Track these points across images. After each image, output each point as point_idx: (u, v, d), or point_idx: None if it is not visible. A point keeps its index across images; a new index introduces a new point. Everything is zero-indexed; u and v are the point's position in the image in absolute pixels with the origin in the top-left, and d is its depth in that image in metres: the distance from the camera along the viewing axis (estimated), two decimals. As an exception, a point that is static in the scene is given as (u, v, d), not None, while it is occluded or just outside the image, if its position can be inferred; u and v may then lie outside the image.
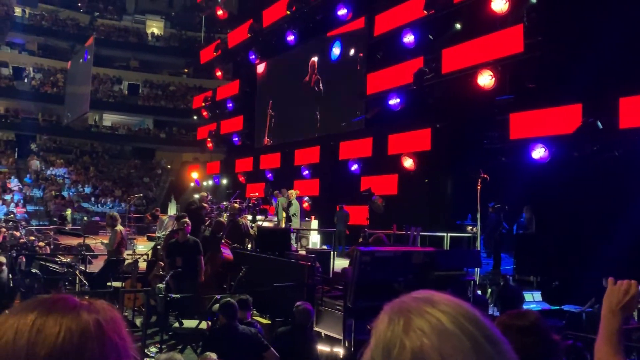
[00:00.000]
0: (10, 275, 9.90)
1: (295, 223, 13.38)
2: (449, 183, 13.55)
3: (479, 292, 8.82)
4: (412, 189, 13.62)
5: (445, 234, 11.11)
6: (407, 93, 13.15)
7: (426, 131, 13.05)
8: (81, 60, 29.97)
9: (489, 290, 9.61)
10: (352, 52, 16.34)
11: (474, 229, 10.98)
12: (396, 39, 13.48)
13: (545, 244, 10.38)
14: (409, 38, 13.14)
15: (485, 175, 9.89)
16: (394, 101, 13.37)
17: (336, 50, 17.03)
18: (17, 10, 36.97)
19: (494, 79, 10.80)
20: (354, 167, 15.29)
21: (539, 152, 10.19)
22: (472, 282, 7.79)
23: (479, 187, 9.89)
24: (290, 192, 13.89)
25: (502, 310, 7.78)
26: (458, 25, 12.64)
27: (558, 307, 9.20)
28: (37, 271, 10.15)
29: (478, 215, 10.26)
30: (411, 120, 13.47)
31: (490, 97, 11.16)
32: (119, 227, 9.28)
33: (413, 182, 13.51)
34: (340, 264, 10.85)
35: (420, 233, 10.56)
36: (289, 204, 13.47)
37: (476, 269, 9.28)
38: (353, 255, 6.55)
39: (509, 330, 1.78)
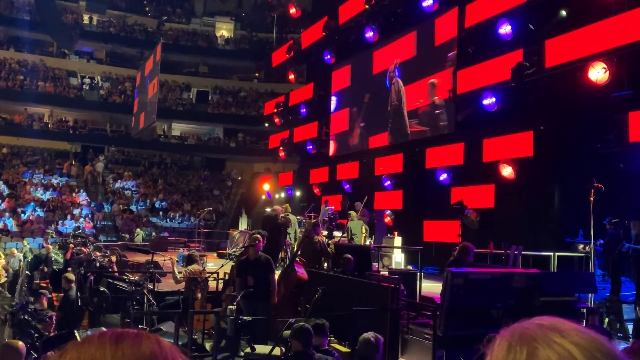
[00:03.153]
0: (79, 294, 10.54)
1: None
2: (555, 194, 13.01)
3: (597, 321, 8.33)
4: (511, 201, 13.22)
5: (551, 254, 10.65)
6: (504, 91, 12.80)
7: (528, 134, 12.62)
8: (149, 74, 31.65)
9: (606, 319, 9.07)
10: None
11: (587, 247, 10.42)
12: (490, 30, 13.15)
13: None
14: (505, 29, 12.79)
15: (600, 185, 9.38)
16: (488, 101, 13.05)
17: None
18: (85, 18, 39.70)
19: (608, 72, 10.26)
20: (443, 176, 15.03)
21: (666, 157, 9.54)
22: (585, 309, 7.40)
23: (591, 199, 9.39)
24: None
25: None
26: (563, 12, 12.16)
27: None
28: (105, 289, 10.74)
29: (591, 232, 9.73)
30: (510, 122, 13.10)
31: (604, 94, 10.61)
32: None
33: (513, 193, 13.10)
34: (428, 286, 10.67)
35: (522, 252, 10.19)
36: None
37: (590, 294, 8.81)
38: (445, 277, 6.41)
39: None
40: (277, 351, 7.12)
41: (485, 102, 13.12)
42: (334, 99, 21.60)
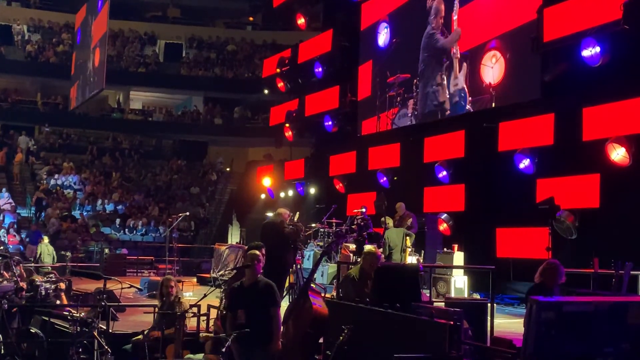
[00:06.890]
0: (1, 337, 10.64)
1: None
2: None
3: None
4: (625, 198, 13.13)
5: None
6: (612, 37, 12.73)
7: (647, 100, 12.59)
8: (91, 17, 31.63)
9: None
10: None
11: None
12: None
13: None
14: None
15: None
16: (589, 51, 12.97)
17: None
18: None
19: None
20: (524, 162, 14.95)
21: None
22: None
23: None
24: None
25: None
26: None
27: None
28: (38, 331, 10.83)
29: None
30: (621, 83, 13.04)
31: None
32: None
33: (627, 186, 13.04)
34: (503, 324, 10.62)
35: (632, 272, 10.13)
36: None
37: None
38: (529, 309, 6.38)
39: None
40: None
41: (585, 53, 13.03)
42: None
